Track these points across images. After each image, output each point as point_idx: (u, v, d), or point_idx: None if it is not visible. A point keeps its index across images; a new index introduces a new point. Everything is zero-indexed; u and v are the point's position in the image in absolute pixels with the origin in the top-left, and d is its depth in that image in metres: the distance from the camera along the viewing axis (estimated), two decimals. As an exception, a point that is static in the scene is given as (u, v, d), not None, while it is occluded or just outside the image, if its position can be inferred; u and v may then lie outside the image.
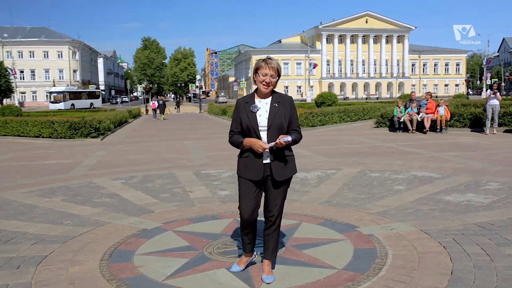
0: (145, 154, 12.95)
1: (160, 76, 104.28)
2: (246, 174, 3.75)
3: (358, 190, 7.30)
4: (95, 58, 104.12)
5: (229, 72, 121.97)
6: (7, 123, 19.41)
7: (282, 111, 3.69)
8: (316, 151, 12.07)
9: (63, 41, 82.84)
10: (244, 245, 4.03)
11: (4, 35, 78.19)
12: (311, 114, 19.84)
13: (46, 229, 5.61)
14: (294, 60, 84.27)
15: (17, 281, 4.05)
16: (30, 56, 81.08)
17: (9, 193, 7.73)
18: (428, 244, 4.65)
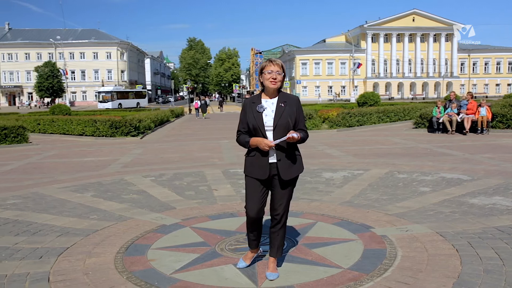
0: (179, 152, 13.25)
1: (205, 76, 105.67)
2: (252, 173, 3.83)
3: (381, 191, 7.23)
4: (142, 58, 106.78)
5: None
6: (53, 121, 20.30)
7: (288, 111, 3.75)
8: (348, 152, 11.98)
9: (112, 43, 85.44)
10: (250, 241, 4.11)
11: (57, 37, 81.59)
12: (349, 115, 19.64)
13: (73, 222, 5.89)
14: (339, 60, 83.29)
15: (37, 270, 4.30)
16: (80, 57, 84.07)
17: (45, 188, 8.13)
18: (440, 247, 4.59)
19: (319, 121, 19.81)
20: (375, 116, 20.46)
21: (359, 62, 73.56)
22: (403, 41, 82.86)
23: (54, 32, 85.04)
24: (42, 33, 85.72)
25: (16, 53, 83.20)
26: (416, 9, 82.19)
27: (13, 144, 16.03)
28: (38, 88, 70.98)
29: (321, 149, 12.80)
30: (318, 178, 8.44)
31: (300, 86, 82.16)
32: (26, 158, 12.80)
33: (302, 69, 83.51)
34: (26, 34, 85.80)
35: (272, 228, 3.99)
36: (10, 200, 7.27)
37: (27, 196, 7.53)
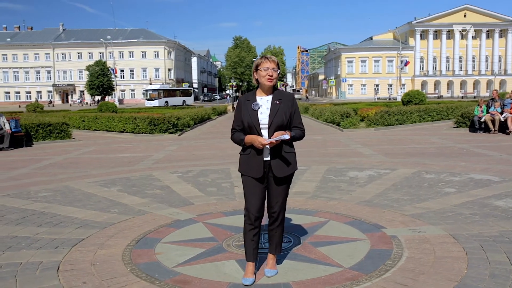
0: (211, 149, 13.43)
1: (250, 74, 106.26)
2: (247, 172, 3.81)
3: (404, 191, 7.08)
4: (189, 57, 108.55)
5: (319, 70, 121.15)
6: (97, 118, 21.01)
7: (283, 109, 3.73)
8: (379, 151, 11.77)
9: (160, 42, 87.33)
10: (248, 251, 3.87)
11: (108, 37, 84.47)
12: (387, 113, 19.24)
13: (93, 215, 6.12)
14: (386, 58, 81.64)
15: (50, 259, 4.50)
16: (129, 56, 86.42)
17: (76, 182, 8.46)
18: (450, 249, 4.46)
19: (356, 119, 19.53)
20: (416, 115, 19.94)
21: (407, 59, 71.84)
22: (454, 37, 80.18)
23: (105, 32, 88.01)
24: (94, 33, 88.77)
25: (70, 53, 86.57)
26: (468, 5, 79.29)
27: (57, 140, 16.73)
28: (89, 86, 73.58)
29: (353, 148, 12.64)
30: (343, 177, 8.35)
31: (345, 84, 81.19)
32: (66, 153, 13.34)
33: (348, 67, 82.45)
34: (79, 34, 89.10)
35: (270, 226, 3.99)
36: (42, 193, 7.61)
37: (57, 190, 7.87)
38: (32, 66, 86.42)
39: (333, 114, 20.82)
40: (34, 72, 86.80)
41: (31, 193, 7.61)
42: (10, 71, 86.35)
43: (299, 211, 6.06)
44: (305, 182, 7.99)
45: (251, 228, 3.85)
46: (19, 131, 15.42)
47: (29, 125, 16.29)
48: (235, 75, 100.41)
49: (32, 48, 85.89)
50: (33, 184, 8.46)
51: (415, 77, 79.59)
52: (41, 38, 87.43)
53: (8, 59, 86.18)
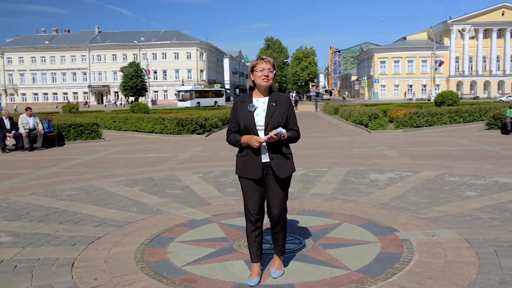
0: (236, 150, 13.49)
1: (282, 75, 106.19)
2: (245, 173, 3.82)
3: (424, 194, 6.97)
4: (221, 58, 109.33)
5: (352, 70, 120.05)
6: (127, 119, 21.46)
7: (279, 110, 3.74)
8: (404, 153, 11.60)
9: (192, 43, 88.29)
10: (253, 253, 3.92)
11: (141, 38, 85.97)
12: (416, 114, 18.92)
13: (113, 214, 6.28)
14: (420, 58, 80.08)
15: (67, 255, 4.66)
16: (162, 57, 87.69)
17: (101, 182, 8.69)
18: (462, 254, 4.38)
19: (384, 121, 19.30)
20: (447, 116, 19.53)
21: (441, 59, 70.35)
22: (491, 36, 77.96)
23: (138, 34, 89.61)
24: (128, 35, 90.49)
25: (105, 55, 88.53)
26: (506, 3, 76.94)
27: (88, 140, 17.18)
28: (123, 87, 74.95)
29: (378, 150, 12.50)
30: (363, 179, 8.29)
31: (378, 85, 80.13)
32: (95, 153, 13.68)
33: (381, 68, 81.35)
34: (114, 37, 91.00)
35: (274, 230, 3.97)
36: (67, 192, 7.85)
37: (82, 188, 8.10)
38: (69, 67, 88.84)
39: (361, 116, 20.62)
40: (71, 73, 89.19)
41: (57, 192, 7.86)
42: (48, 73, 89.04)
43: (314, 212, 6.06)
44: (324, 184, 7.97)
45: (252, 229, 3.88)
46: (52, 131, 15.91)
47: (61, 125, 16.79)
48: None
49: (69, 50, 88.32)
50: (60, 183, 8.73)
51: (450, 78, 77.81)
52: (78, 40, 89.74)
53: (46, 61, 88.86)
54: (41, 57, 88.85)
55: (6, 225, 5.86)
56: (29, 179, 9.33)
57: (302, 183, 8.11)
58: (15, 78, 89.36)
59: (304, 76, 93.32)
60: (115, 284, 3.93)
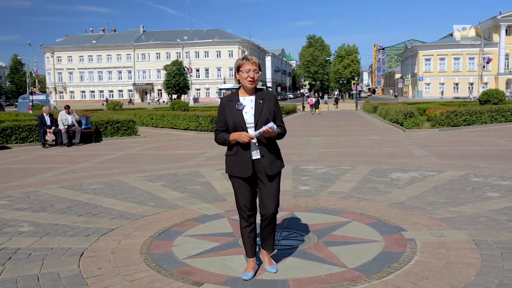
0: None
1: (324, 73, 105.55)
2: (236, 172, 3.85)
3: (443, 194, 6.83)
4: (263, 56, 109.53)
5: (396, 68, 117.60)
6: (164, 116, 21.93)
7: (267, 107, 3.78)
8: (434, 152, 11.34)
9: (234, 41, 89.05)
10: (248, 248, 4.01)
11: (184, 37, 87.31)
12: (454, 113, 18.37)
13: (130, 208, 6.49)
14: (466, 55, 77.49)
15: (78, 246, 4.88)
16: (205, 56, 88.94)
17: (126, 176, 8.97)
18: (465, 255, 4.29)
19: (420, 120, 18.85)
20: (487, 115, 18.88)
21: (490, 57, 67.87)
22: (545, 32, 74.47)
23: (182, 33, 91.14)
24: (172, 34, 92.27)
25: (149, 53, 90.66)
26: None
27: (124, 136, 17.70)
28: (166, 85, 76.55)
29: (408, 149, 12.27)
30: (384, 178, 8.19)
31: (422, 83, 78.21)
32: (128, 149, 14.09)
33: (426, 65, 79.32)
34: (158, 36, 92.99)
35: (267, 226, 3.99)
36: (93, 185, 8.16)
37: (108, 183, 8.39)
38: (115, 66, 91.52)
39: (397, 114, 20.23)
40: (116, 72, 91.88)
41: (84, 185, 8.18)
42: (95, 71, 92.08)
43: (326, 210, 6.06)
44: (344, 182, 7.92)
45: (246, 225, 3.96)
46: (89, 128, 16.50)
47: (99, 122, 17.36)
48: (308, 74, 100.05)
49: (115, 49, 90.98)
50: (88, 177, 9.08)
51: (498, 75, 74.92)
52: (123, 39, 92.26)
53: (94, 60, 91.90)
54: (88, 56, 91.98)
55: (30, 215, 6.17)
56: (61, 173, 9.74)
57: (321, 181, 8.09)
58: (64, 77, 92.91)
59: (346, 74, 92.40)
60: (117, 274, 4.09)
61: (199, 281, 3.88)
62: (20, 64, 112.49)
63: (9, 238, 5.20)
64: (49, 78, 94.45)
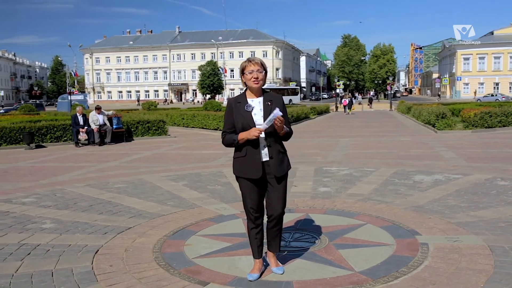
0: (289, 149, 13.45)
1: (359, 73, 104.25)
2: (244, 173, 3.87)
3: (466, 198, 6.67)
4: (297, 56, 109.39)
5: (434, 68, 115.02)
6: (194, 116, 22.20)
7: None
8: (463, 154, 11.06)
9: (268, 41, 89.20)
10: (254, 249, 4.03)
11: (219, 38, 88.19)
12: (488, 114, 17.83)
13: (150, 207, 6.62)
14: (508, 54, 74.97)
15: (94, 243, 5.03)
16: (239, 56, 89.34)
17: (151, 176, 9.14)
18: (478, 261, 4.19)
19: (452, 121, 18.41)
20: (524, 117, 18.25)
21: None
22: None
23: (216, 34, 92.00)
24: (207, 35, 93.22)
25: (184, 54, 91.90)
26: None
27: (154, 136, 18.02)
28: (200, 85, 77.36)
29: (436, 151, 12.02)
30: (407, 180, 8.05)
31: (460, 83, 76.17)
32: (157, 148, 14.34)
33: (464, 65, 77.18)
34: (193, 36, 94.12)
35: (274, 227, 4.01)
36: (117, 184, 8.36)
37: (132, 182, 8.58)
38: (151, 66, 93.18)
39: (429, 115, 19.82)
40: (152, 72, 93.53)
41: (109, 184, 8.39)
42: (131, 72, 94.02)
43: (341, 212, 6.03)
44: (365, 184, 7.85)
45: (253, 227, 3.98)
46: (121, 128, 16.88)
47: (130, 122, 17.74)
48: (343, 73, 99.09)
49: (151, 50, 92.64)
50: (114, 176, 9.30)
51: (542, 74, 72.20)
52: (159, 40, 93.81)
53: (130, 60, 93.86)
54: (125, 56, 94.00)
55: (54, 213, 6.39)
56: (89, 171, 10.01)
57: (342, 182, 8.04)
58: (102, 77, 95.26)
59: (381, 74, 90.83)
60: (126, 271, 4.20)
61: (205, 281, 3.94)
62: (61, 65, 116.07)
63: (31, 234, 5.40)
64: (88, 78, 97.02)
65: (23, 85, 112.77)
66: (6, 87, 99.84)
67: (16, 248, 4.92)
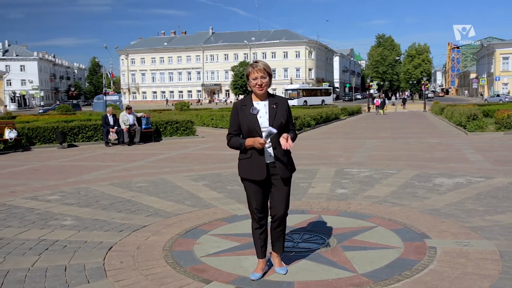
0: (316, 150, 13.55)
1: (393, 73, 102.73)
2: (249, 175, 3.95)
3: (485, 201, 6.54)
4: (330, 56, 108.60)
5: (472, 68, 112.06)
6: (223, 117, 22.42)
7: (280, 112, 3.89)
8: (490, 157, 10.81)
9: (301, 42, 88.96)
10: (258, 249, 4.12)
11: (252, 38, 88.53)
12: (521, 115, 17.32)
13: (167, 206, 6.78)
14: (550, 53, 72.48)
15: (109, 240, 5.21)
16: (272, 56, 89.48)
17: (173, 176, 9.33)
18: (484, 266, 4.14)
19: (484, 122, 17.96)
20: (560, 118, 17.62)
21: None
22: None
23: (250, 34, 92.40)
24: (239, 35, 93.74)
25: (217, 55, 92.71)
26: None
27: (183, 136, 18.30)
28: (233, 86, 77.94)
29: (463, 153, 11.78)
30: (427, 183, 7.95)
31: (499, 83, 73.95)
32: (183, 149, 14.58)
33: (503, 64, 74.93)
34: (226, 37, 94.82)
35: (277, 228, 4.08)
36: (140, 184, 8.58)
37: (154, 181, 8.78)
38: (184, 67, 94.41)
39: (461, 116, 19.39)
40: (186, 73, 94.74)
41: (132, 183, 8.62)
42: (165, 72, 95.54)
43: (354, 214, 6.03)
44: (383, 186, 7.80)
45: (257, 227, 4.06)
46: (149, 128, 17.23)
47: (159, 122, 18.09)
48: (377, 74, 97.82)
49: (185, 51, 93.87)
50: (138, 175, 9.54)
51: None
52: (193, 41, 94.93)
53: (165, 61, 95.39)
54: (160, 57, 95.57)
55: (76, 210, 6.63)
56: (115, 170, 10.30)
57: (361, 184, 8.01)
58: (137, 78, 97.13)
59: (416, 74, 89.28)
60: (135, 268, 4.35)
61: (209, 279, 4.04)
62: (98, 66, 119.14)
63: (51, 231, 5.63)
64: (123, 79, 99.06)
65: (62, 86, 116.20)
66: (46, 88, 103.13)
67: (36, 243, 5.15)
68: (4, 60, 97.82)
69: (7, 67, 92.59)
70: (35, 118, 22.40)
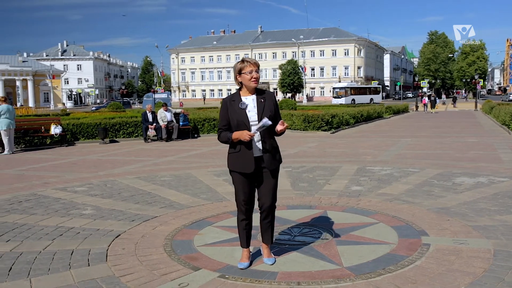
0: (348, 148, 13.49)
1: (445, 71, 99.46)
2: (238, 168, 4.13)
3: (500, 201, 6.40)
4: (380, 54, 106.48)
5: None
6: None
7: (268, 106, 4.05)
8: (523, 157, 10.45)
9: (350, 40, 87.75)
10: (243, 239, 4.30)
11: (300, 36, 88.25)
12: None
13: (183, 199, 7.06)
14: None
15: (119, 228, 5.53)
16: (320, 54, 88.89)
17: (198, 171, 9.62)
18: (472, 264, 4.12)
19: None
20: None
21: None
22: None
23: (298, 32, 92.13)
24: (288, 34, 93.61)
25: (266, 53, 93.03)
26: None
27: (219, 133, 18.62)
28: (281, 84, 77.98)
29: (497, 153, 11.41)
30: (446, 182, 7.83)
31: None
32: (216, 145, 14.86)
33: None
34: (275, 35, 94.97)
35: (265, 220, 4.24)
36: (165, 178, 8.92)
37: (178, 176, 9.10)
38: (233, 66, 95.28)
39: (505, 115, 18.68)
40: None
41: (157, 177, 8.97)
42: (214, 71, 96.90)
43: (359, 211, 6.07)
44: (401, 184, 7.75)
45: (243, 218, 4.25)
46: (187, 125, 17.70)
47: (196, 119, 18.53)
48: (428, 72, 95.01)
49: (234, 50, 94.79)
50: (165, 170, 9.91)
51: None
52: (242, 40, 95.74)
53: (214, 60, 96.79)
54: (209, 56, 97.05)
55: (97, 201, 7.03)
56: (145, 165, 10.73)
57: (378, 182, 7.99)
58: (187, 76, 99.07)
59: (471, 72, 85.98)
60: (134, 254, 4.62)
61: (198, 267, 4.25)
62: (150, 65, 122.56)
63: (70, 219, 6.03)
64: (174, 77, 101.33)
65: (116, 84, 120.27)
66: (100, 86, 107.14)
67: (53, 230, 5.55)
68: (62, 60, 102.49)
69: (65, 67, 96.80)
70: (87, 115, 23.52)
